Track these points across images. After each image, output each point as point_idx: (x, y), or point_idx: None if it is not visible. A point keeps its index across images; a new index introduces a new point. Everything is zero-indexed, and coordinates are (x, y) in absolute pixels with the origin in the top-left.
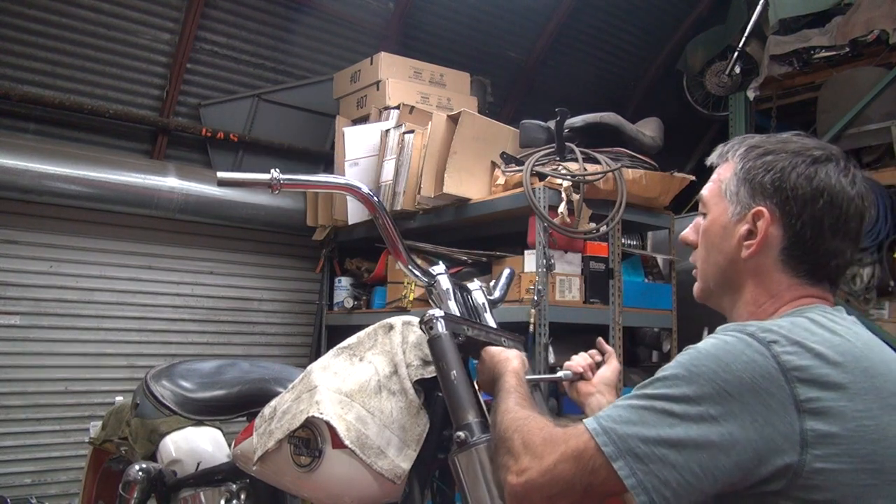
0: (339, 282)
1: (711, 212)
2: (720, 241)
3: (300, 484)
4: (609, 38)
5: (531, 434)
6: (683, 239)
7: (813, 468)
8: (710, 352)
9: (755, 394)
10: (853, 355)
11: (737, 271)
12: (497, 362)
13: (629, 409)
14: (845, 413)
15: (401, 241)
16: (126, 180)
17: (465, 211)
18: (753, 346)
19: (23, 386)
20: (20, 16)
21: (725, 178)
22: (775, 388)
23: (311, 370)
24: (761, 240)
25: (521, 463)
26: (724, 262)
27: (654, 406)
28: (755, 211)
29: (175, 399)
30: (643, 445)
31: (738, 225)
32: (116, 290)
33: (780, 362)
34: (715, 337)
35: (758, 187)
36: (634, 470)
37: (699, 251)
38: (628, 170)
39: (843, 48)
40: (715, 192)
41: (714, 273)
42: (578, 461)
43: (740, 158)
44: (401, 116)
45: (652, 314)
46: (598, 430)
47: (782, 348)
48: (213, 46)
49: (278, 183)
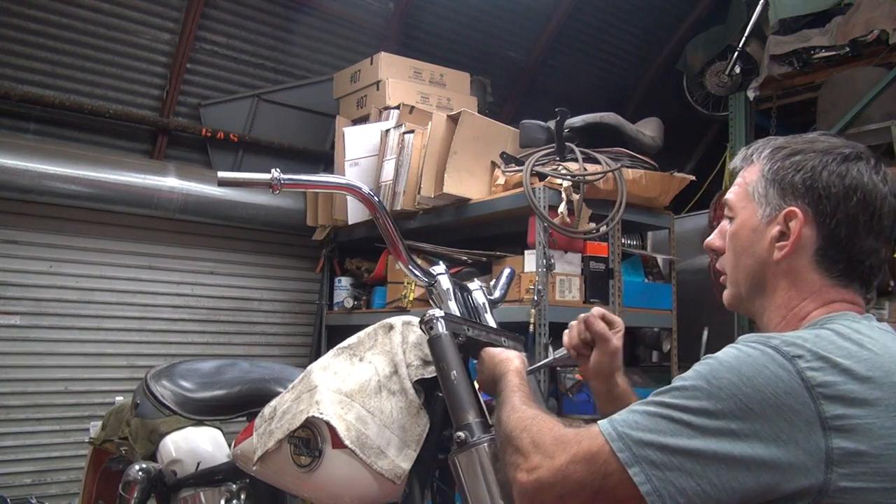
0: (339, 282)
1: (739, 215)
2: (750, 245)
3: (300, 484)
4: (609, 38)
5: (541, 433)
6: (709, 245)
7: (839, 487)
8: (732, 364)
9: (778, 411)
10: (882, 370)
11: (769, 274)
12: (498, 362)
13: (645, 416)
14: (873, 430)
15: (401, 241)
16: (126, 180)
17: (465, 211)
18: (777, 361)
19: (23, 386)
20: (20, 16)
21: (752, 181)
22: (799, 405)
23: (311, 370)
24: (795, 240)
25: (532, 461)
26: (755, 265)
27: (672, 416)
28: (787, 211)
29: (175, 399)
30: (660, 453)
31: (770, 226)
32: (116, 290)
33: (805, 378)
34: (737, 348)
35: (788, 188)
36: (650, 476)
37: (727, 257)
38: (628, 170)
39: (843, 48)
40: (742, 195)
41: (745, 277)
42: (591, 464)
43: (767, 160)
44: (401, 116)
45: (652, 314)
46: (612, 435)
47: (807, 363)
48: (213, 46)
49: (279, 183)
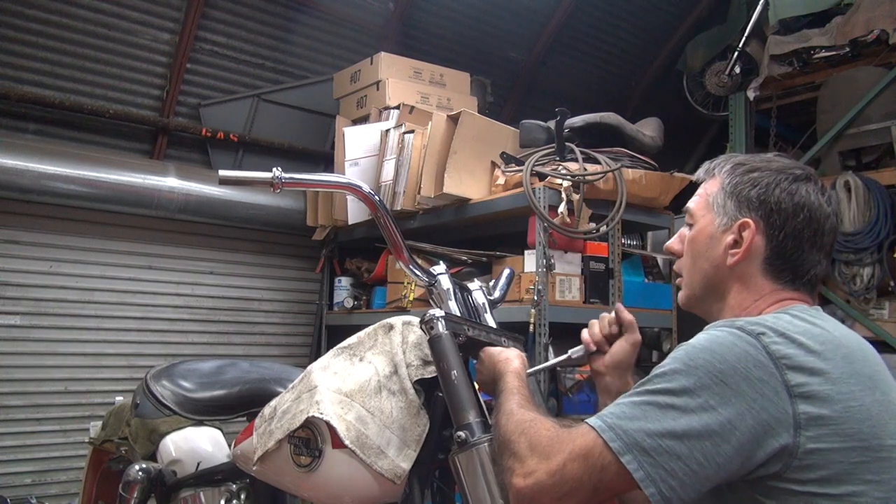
0: (339, 282)
1: (699, 222)
2: (707, 250)
3: (300, 484)
4: (609, 38)
5: (537, 436)
6: (668, 249)
7: (806, 448)
8: (705, 345)
9: (749, 381)
10: (832, 343)
11: (722, 277)
12: (497, 362)
13: (632, 406)
14: (832, 396)
15: (402, 240)
16: (126, 180)
17: (465, 211)
18: (744, 338)
19: (23, 386)
20: (20, 16)
21: (712, 192)
22: (767, 376)
23: (311, 370)
24: (746, 248)
25: (528, 465)
26: (709, 269)
27: (657, 401)
28: (741, 222)
29: (175, 399)
30: (649, 439)
31: (725, 234)
32: (116, 290)
33: (770, 352)
34: (707, 332)
35: (744, 201)
36: (642, 463)
37: (685, 260)
38: (628, 170)
39: (843, 48)
40: (702, 204)
41: (700, 280)
42: (587, 459)
43: (727, 174)
44: (401, 116)
45: (652, 314)
46: (603, 427)
47: (770, 339)
48: (213, 46)
49: (280, 182)
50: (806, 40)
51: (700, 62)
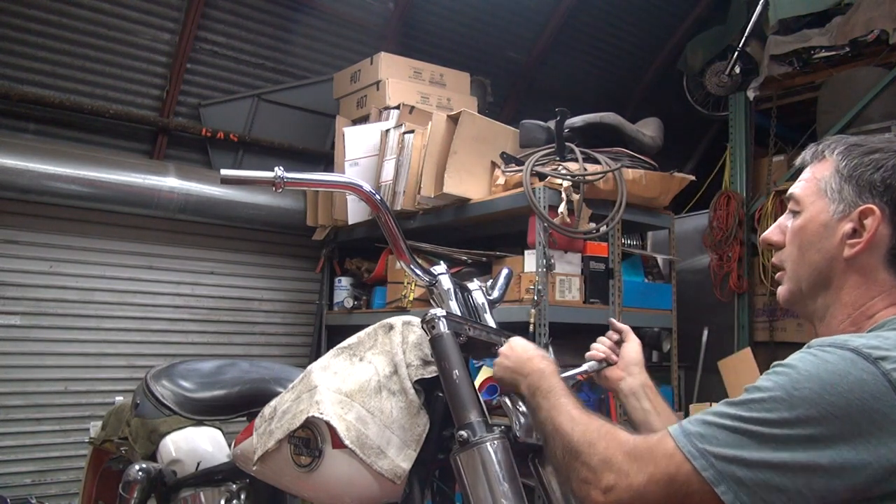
0: (339, 282)
1: (808, 210)
2: (819, 240)
3: (300, 484)
4: (609, 38)
5: (609, 448)
6: (766, 240)
7: None
8: (812, 372)
9: (865, 415)
10: None
11: (836, 271)
12: (530, 357)
13: (724, 431)
14: None
15: (403, 240)
16: (126, 180)
17: (465, 211)
18: (859, 364)
19: (23, 386)
20: (20, 16)
21: (824, 176)
22: (887, 408)
23: (311, 370)
24: (869, 238)
25: (605, 480)
26: (821, 262)
27: (752, 430)
28: (863, 209)
29: (175, 399)
30: (745, 469)
31: (842, 223)
32: (116, 290)
33: (892, 380)
34: (812, 354)
35: (865, 185)
36: (738, 494)
37: (789, 251)
38: (628, 170)
39: (843, 48)
40: (812, 190)
41: (808, 273)
42: (671, 484)
43: (843, 156)
44: (401, 116)
45: (652, 314)
46: (693, 453)
47: (893, 365)
48: (213, 46)
49: (281, 181)
50: (806, 40)
51: (700, 62)
